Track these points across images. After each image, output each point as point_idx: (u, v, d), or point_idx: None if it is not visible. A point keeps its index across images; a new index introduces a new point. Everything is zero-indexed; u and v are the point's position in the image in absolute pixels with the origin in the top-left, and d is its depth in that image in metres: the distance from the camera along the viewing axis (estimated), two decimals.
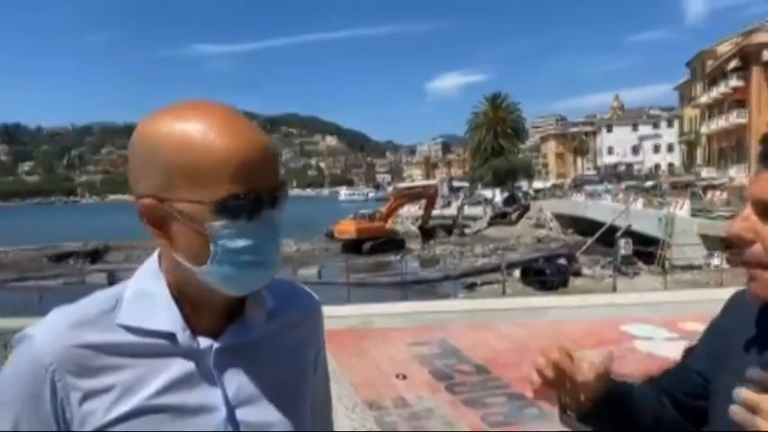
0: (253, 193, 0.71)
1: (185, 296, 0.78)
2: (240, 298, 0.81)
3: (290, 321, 0.89)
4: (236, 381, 0.80)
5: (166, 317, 0.77)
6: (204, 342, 0.79)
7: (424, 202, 38.34)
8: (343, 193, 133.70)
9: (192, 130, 0.71)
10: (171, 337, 0.77)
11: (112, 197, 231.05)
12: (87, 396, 0.74)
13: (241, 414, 0.79)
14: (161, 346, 0.77)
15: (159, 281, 0.79)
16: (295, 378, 0.87)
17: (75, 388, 0.74)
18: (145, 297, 0.78)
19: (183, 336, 0.77)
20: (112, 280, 21.84)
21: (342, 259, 24.44)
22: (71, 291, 18.04)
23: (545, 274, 16.91)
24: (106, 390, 0.74)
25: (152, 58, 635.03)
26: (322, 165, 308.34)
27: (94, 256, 30.22)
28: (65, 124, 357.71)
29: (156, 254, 0.82)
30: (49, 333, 0.75)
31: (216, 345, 0.79)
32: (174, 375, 0.77)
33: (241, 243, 0.72)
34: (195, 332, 0.79)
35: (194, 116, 0.72)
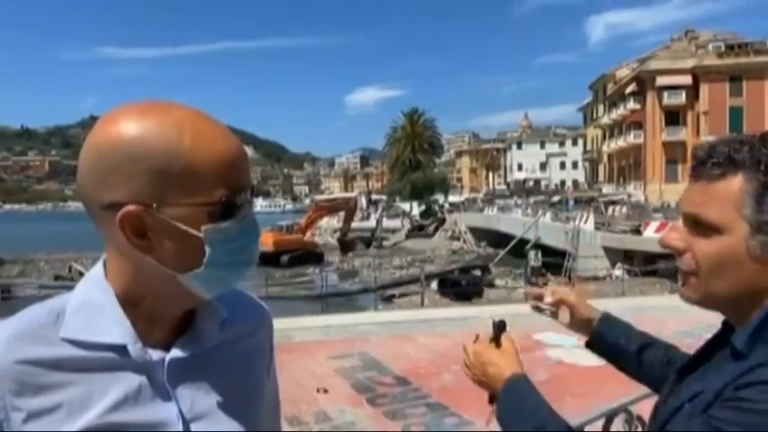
0: (238, 192, 0.72)
1: (136, 307, 0.75)
2: (191, 309, 0.78)
3: (243, 331, 0.86)
4: (190, 394, 0.76)
5: (116, 329, 0.73)
6: (156, 354, 0.75)
7: (343, 214, 38.35)
8: (260, 204, 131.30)
9: (180, 131, 0.69)
10: (121, 349, 0.73)
11: (7, 206, 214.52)
12: (31, 416, 0.68)
13: (196, 428, 0.75)
14: (110, 359, 0.72)
15: (106, 292, 0.75)
16: (249, 388, 0.84)
17: (17, 408, 0.68)
18: (91, 308, 0.74)
19: (135, 348, 0.73)
20: (7, 295, 20.21)
21: (258, 272, 23.92)
22: None
23: (461, 286, 17.34)
24: (52, 409, 0.69)
25: (52, 59, 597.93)
26: None
27: None
28: None
29: (100, 264, 0.78)
30: None
31: (168, 357, 0.75)
32: (126, 391, 0.72)
33: (232, 244, 0.72)
34: (146, 344, 0.75)
35: (176, 119, 0.70)
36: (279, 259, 30.25)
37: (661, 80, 49.34)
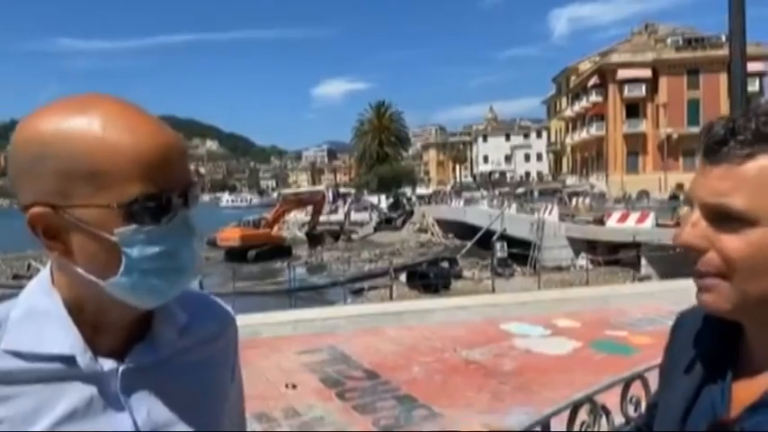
0: (163, 192, 0.65)
1: (84, 314, 0.70)
2: (147, 314, 0.73)
3: (205, 336, 0.81)
4: (147, 404, 0.72)
5: (63, 338, 0.68)
6: (108, 364, 0.70)
7: (310, 208, 38.15)
8: (226, 199, 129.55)
9: (89, 127, 0.63)
10: (69, 360, 0.68)
11: None
12: None
13: None
14: (58, 370, 0.67)
15: (52, 298, 0.70)
16: (211, 396, 0.80)
17: None
18: (36, 317, 0.69)
19: (84, 358, 0.68)
20: None
21: (225, 268, 23.61)
22: None
23: (429, 278, 17.43)
24: None
25: (9, 51, 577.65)
26: (202, 170, 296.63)
27: None
28: None
29: (47, 268, 0.73)
30: None
31: (122, 366, 0.70)
32: (75, 403, 0.67)
33: (156, 248, 0.66)
34: (97, 354, 0.69)
35: (88, 112, 0.64)
36: (246, 255, 29.94)
37: (622, 73, 50.39)
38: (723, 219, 0.70)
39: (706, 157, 0.72)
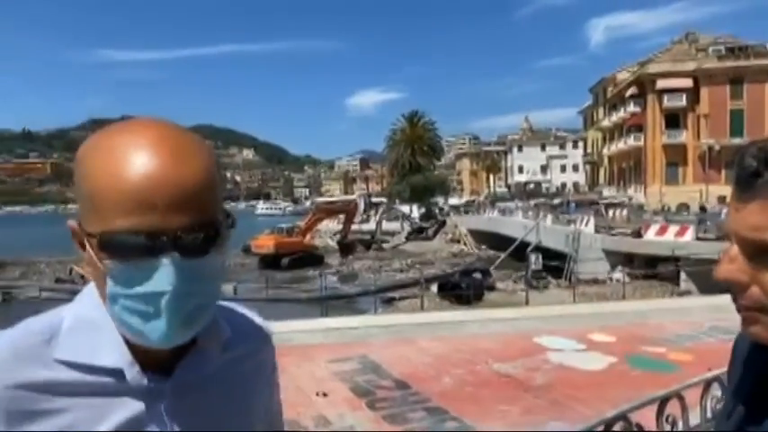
0: (147, 232, 0.61)
1: None
2: None
3: (245, 352, 0.81)
4: (188, 423, 0.71)
5: (112, 351, 0.68)
6: (155, 379, 0.69)
7: (343, 217, 38.31)
8: (261, 206, 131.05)
9: (103, 154, 0.63)
10: (118, 374, 0.68)
11: (8, 208, 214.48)
12: None
13: None
14: (106, 384, 0.68)
15: (102, 310, 0.69)
16: (250, 413, 0.80)
17: None
18: (87, 328, 0.69)
19: (132, 372, 0.68)
20: (8, 297, 20.21)
21: (259, 275, 23.87)
22: None
23: (461, 289, 17.29)
24: None
25: (54, 61, 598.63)
26: (238, 178, 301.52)
27: None
28: None
29: None
30: None
31: (168, 383, 0.70)
32: (121, 419, 0.67)
33: (133, 288, 0.63)
34: (145, 367, 0.69)
35: (113, 140, 0.64)
36: (279, 262, 30.24)
37: (661, 83, 49.34)
38: (762, 253, 0.68)
39: (739, 189, 0.69)
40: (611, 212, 33.53)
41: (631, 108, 52.60)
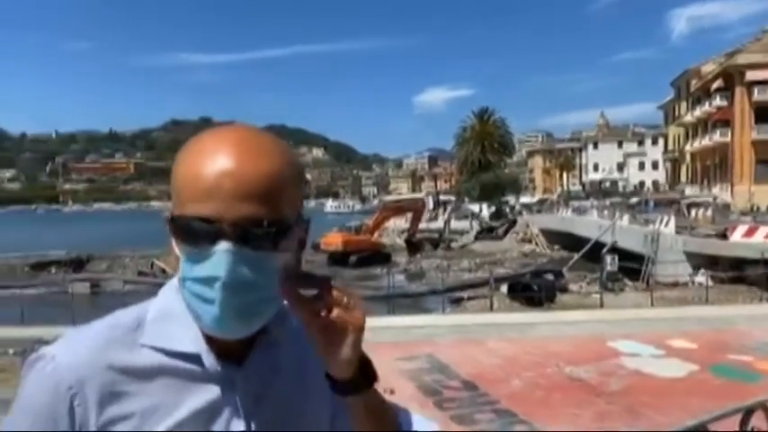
0: (208, 218, 0.66)
1: None
2: None
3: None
4: (260, 410, 0.76)
5: (190, 337, 0.73)
6: (229, 367, 0.74)
7: (410, 215, 38.34)
8: (329, 204, 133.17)
9: (186, 152, 0.71)
10: (196, 359, 0.73)
11: (96, 205, 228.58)
12: (106, 424, 0.70)
13: None
14: (185, 369, 0.73)
15: (182, 300, 0.74)
16: (319, 401, 0.82)
17: (95, 413, 0.69)
18: (169, 317, 0.75)
19: (208, 358, 0.73)
20: (96, 289, 21.56)
21: (327, 272, 24.28)
22: (55, 300, 17.72)
23: (532, 290, 16.89)
24: (126, 417, 0.70)
25: (136, 66, 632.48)
26: (308, 177, 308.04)
27: (77, 264, 29.70)
28: (48, 131, 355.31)
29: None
30: (71, 353, 0.71)
31: (241, 370, 0.75)
32: (198, 404, 0.72)
33: (193, 272, 0.68)
34: (221, 354, 0.74)
35: (202, 138, 0.72)
36: (347, 259, 30.65)
37: (751, 75, 46.29)
38: None
39: None
40: (693, 212, 31.85)
41: (717, 102, 49.65)
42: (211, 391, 0.73)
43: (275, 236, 0.68)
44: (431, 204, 53.04)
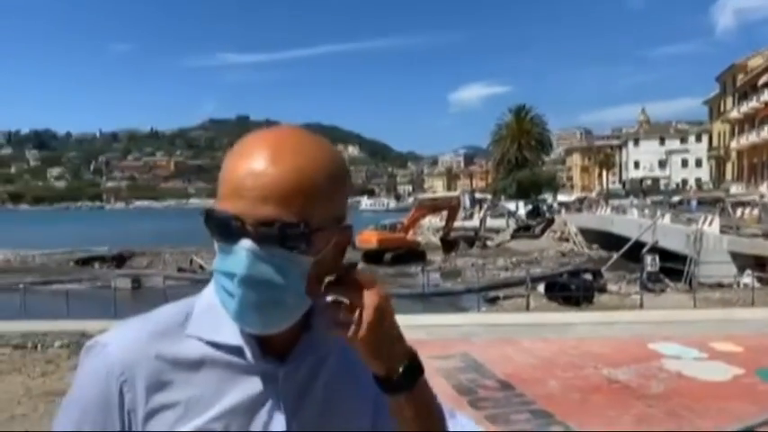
0: (233, 216, 0.69)
1: None
2: (308, 311, 0.76)
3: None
4: (303, 405, 0.77)
5: (234, 330, 0.75)
6: (272, 361, 0.76)
7: (445, 213, 38.18)
8: (365, 203, 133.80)
9: (231, 153, 0.73)
10: (239, 351, 0.75)
11: (137, 203, 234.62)
12: (153, 411, 0.72)
13: None
14: (229, 361, 0.75)
15: None
16: (360, 399, 0.82)
17: (143, 400, 0.72)
18: (213, 310, 0.76)
19: (251, 351, 0.75)
20: (137, 285, 22.14)
21: (363, 269, 24.32)
22: (98, 295, 18.27)
23: (570, 290, 16.60)
24: (171, 406, 0.73)
25: (176, 66, 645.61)
26: None
27: (119, 260, 30.61)
28: (93, 130, 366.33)
29: None
30: (123, 342, 0.74)
31: (284, 365, 0.76)
32: (240, 397, 0.74)
33: (220, 264, 0.71)
34: (266, 349, 0.76)
35: (245, 138, 0.74)
36: (382, 257, 30.71)
37: None
38: None
39: None
40: (738, 211, 30.83)
41: (765, 97, 47.95)
42: (254, 385, 0.74)
43: (298, 238, 0.69)
44: (467, 202, 52.73)
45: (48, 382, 7.55)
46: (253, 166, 0.69)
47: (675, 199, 47.14)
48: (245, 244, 0.68)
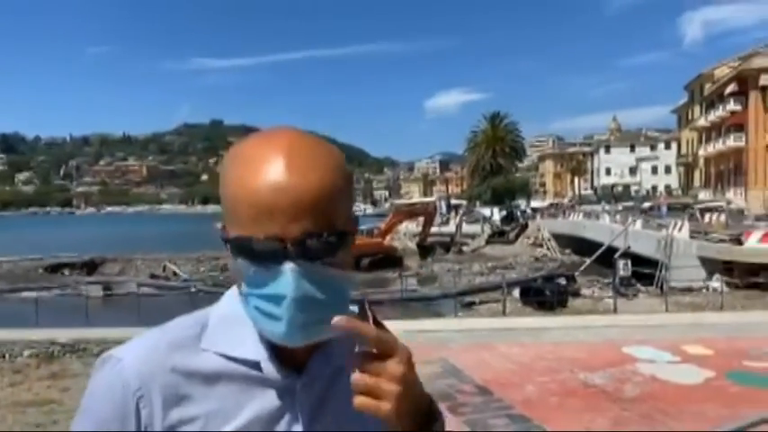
0: (271, 238, 0.66)
1: None
2: None
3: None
4: (320, 416, 0.76)
5: (250, 344, 0.74)
6: (289, 374, 0.74)
7: (422, 219, 38.31)
8: None
9: (237, 164, 0.70)
10: (256, 366, 0.73)
11: (109, 208, 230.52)
12: (170, 426, 0.71)
13: None
14: (246, 375, 0.73)
15: (241, 307, 0.75)
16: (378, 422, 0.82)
17: (160, 416, 0.71)
18: (230, 323, 0.75)
19: (268, 365, 0.73)
20: (109, 292, 21.71)
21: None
22: (68, 302, 17.86)
23: (544, 294, 16.79)
24: (189, 420, 0.71)
25: (151, 70, 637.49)
26: None
27: (90, 267, 29.95)
28: (63, 134, 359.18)
29: None
30: (138, 356, 0.72)
31: (301, 377, 0.75)
32: (257, 411, 0.73)
33: (258, 289, 0.68)
34: (282, 362, 0.74)
35: (250, 148, 0.70)
36: (359, 263, 30.65)
37: (766, 79, 45.90)
38: None
39: None
40: (706, 217, 31.56)
41: (731, 106, 49.24)
42: (271, 398, 0.73)
43: (336, 246, 0.69)
44: (443, 208, 52.98)
45: (16, 393, 7.35)
46: (280, 181, 0.66)
47: (646, 205, 48.04)
48: (290, 266, 0.66)
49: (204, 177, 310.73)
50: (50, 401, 6.81)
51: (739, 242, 18.88)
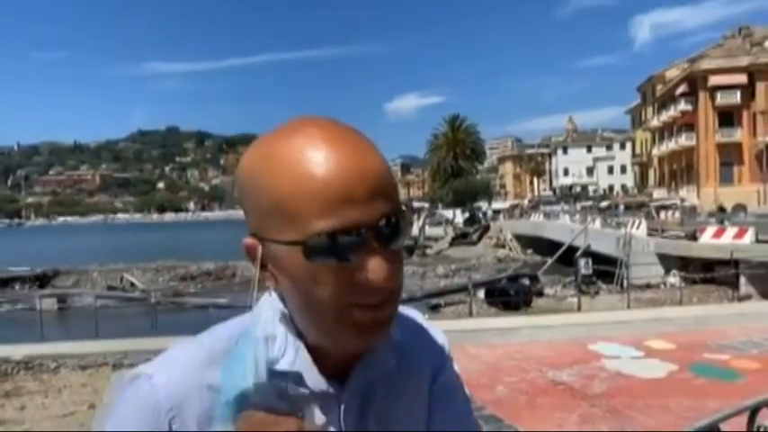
0: (353, 228, 0.59)
1: (305, 337, 0.68)
2: None
3: (416, 355, 0.78)
4: (363, 425, 0.71)
5: (292, 356, 0.67)
6: (332, 384, 0.68)
7: None
8: None
9: (284, 158, 0.61)
10: (298, 378, 0.66)
11: (61, 219, 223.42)
12: None
13: None
14: (286, 388, 0.67)
15: (279, 317, 0.69)
16: (417, 417, 0.77)
17: None
18: (266, 334, 0.69)
19: (311, 377, 0.67)
20: (64, 305, 20.95)
21: None
22: (20, 317, 17.16)
23: (509, 295, 16.98)
24: None
25: (102, 76, 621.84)
26: None
27: (43, 280, 28.85)
28: (10, 143, 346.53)
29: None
30: (170, 372, 0.65)
31: (344, 389, 0.69)
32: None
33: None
34: (326, 372, 0.68)
35: (291, 141, 0.62)
36: None
37: (714, 80, 47.72)
38: None
39: None
40: (662, 215, 32.52)
41: (682, 106, 51.02)
42: (315, 411, 0.69)
43: (405, 229, 0.64)
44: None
45: None
46: (344, 165, 0.60)
47: (604, 204, 49.31)
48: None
49: (161, 185, 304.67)
50: (5, 421, 6.52)
51: (694, 238, 19.48)
